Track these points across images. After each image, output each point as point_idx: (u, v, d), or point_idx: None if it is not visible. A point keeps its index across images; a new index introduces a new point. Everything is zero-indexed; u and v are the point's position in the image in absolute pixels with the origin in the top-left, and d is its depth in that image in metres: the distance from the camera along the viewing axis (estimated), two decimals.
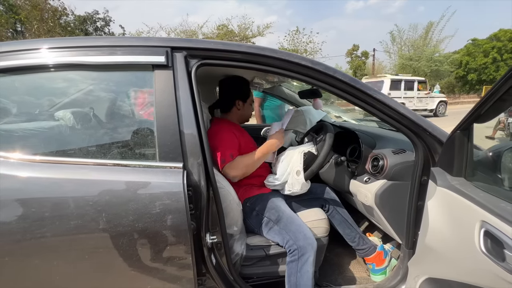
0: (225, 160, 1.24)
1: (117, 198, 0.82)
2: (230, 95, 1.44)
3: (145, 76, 0.97)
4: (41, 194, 0.81)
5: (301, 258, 1.15)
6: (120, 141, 0.99)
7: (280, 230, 1.22)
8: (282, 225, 1.22)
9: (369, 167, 1.32)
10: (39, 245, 0.79)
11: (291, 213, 1.28)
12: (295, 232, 1.19)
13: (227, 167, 1.24)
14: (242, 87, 1.46)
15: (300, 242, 1.16)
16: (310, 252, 1.15)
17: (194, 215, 0.89)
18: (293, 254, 1.17)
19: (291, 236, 1.18)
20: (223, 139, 1.29)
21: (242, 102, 1.45)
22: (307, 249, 1.15)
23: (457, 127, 0.87)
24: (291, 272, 1.16)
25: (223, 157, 1.24)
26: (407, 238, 1.14)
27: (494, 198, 0.76)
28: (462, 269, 0.85)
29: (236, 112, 1.45)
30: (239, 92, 1.45)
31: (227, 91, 1.45)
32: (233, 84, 1.45)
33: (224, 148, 1.26)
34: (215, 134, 1.31)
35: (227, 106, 1.45)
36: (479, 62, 22.40)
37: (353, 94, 1.04)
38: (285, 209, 1.29)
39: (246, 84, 1.47)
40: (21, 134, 0.98)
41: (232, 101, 1.43)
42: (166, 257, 0.85)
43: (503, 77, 0.69)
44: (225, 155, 1.24)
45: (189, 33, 13.84)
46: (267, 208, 1.28)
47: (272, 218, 1.25)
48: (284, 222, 1.23)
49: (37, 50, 0.91)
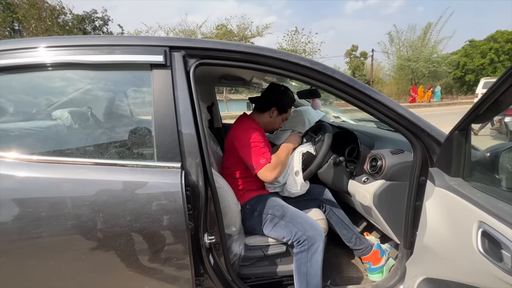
0: (265, 161, 1.22)
1: (115, 198, 0.82)
2: (271, 99, 1.44)
3: (143, 76, 0.97)
4: (38, 194, 0.80)
5: (311, 248, 1.16)
6: (118, 141, 0.98)
7: (286, 224, 1.22)
8: (288, 219, 1.23)
9: (367, 167, 1.32)
10: (36, 245, 0.78)
11: (294, 208, 1.29)
12: (303, 224, 1.21)
13: (268, 168, 1.22)
14: (286, 100, 1.46)
15: (309, 232, 1.18)
16: (320, 241, 1.17)
17: (192, 215, 0.88)
18: (302, 244, 1.17)
19: (299, 227, 1.19)
20: (262, 140, 1.28)
21: (277, 112, 1.45)
22: (317, 238, 1.17)
23: (455, 128, 0.88)
24: (300, 262, 1.17)
25: (264, 156, 1.23)
26: (405, 238, 1.14)
27: (491, 199, 0.76)
28: (459, 269, 0.85)
29: (267, 117, 1.45)
30: (281, 102, 1.44)
31: (271, 94, 1.44)
32: (280, 93, 1.44)
33: (264, 150, 1.25)
34: (249, 132, 1.28)
35: (263, 107, 1.45)
36: (477, 63, 22.52)
37: (351, 94, 1.04)
38: (287, 205, 1.30)
39: (290, 101, 1.48)
40: (18, 134, 0.98)
41: (269, 105, 1.43)
42: (164, 258, 0.85)
43: (500, 77, 0.69)
44: (266, 157, 1.24)
45: (188, 32, 13.81)
46: (270, 206, 1.28)
47: (277, 214, 1.26)
48: (290, 216, 1.24)
49: (34, 48, 0.90)
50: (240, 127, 1.35)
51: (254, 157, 1.24)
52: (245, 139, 1.27)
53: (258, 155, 1.24)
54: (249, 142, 1.26)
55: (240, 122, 1.40)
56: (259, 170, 1.23)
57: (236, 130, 1.35)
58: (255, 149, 1.25)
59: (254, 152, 1.24)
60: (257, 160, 1.23)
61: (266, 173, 1.22)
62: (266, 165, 1.22)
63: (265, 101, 1.44)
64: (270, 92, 1.45)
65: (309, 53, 15.78)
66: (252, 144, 1.26)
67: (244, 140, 1.27)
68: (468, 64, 22.92)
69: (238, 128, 1.35)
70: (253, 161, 1.24)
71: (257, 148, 1.25)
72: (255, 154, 1.24)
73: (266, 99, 1.45)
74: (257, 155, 1.24)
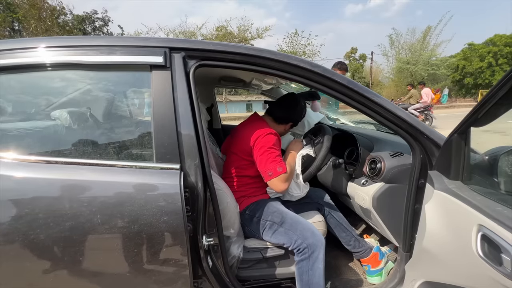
0: (282, 170, 1.19)
1: (113, 199, 0.81)
2: (292, 114, 1.43)
3: (142, 77, 0.96)
4: (36, 195, 0.79)
5: (312, 256, 1.15)
6: (117, 142, 0.98)
7: (286, 231, 1.21)
8: (287, 226, 1.21)
9: (366, 170, 1.32)
10: (33, 246, 0.77)
11: (294, 214, 1.28)
12: (302, 231, 1.19)
13: (282, 178, 1.19)
14: (302, 115, 1.47)
15: (309, 239, 1.16)
16: (320, 249, 1.16)
17: (191, 217, 0.88)
18: (303, 252, 1.16)
19: (299, 235, 1.18)
20: (277, 148, 1.25)
21: (291, 126, 1.49)
22: (317, 245, 1.15)
23: (454, 131, 0.88)
24: (302, 271, 1.16)
25: (281, 165, 1.19)
26: (404, 241, 1.14)
27: (491, 202, 0.76)
28: (459, 273, 0.85)
29: (281, 129, 1.45)
30: (299, 118, 1.47)
31: (288, 110, 1.43)
32: (301, 109, 1.45)
33: (281, 159, 1.22)
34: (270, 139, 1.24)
35: (281, 119, 1.43)
36: (475, 67, 22.65)
37: (351, 96, 1.04)
38: (287, 211, 1.28)
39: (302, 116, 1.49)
40: (17, 134, 0.97)
41: (288, 120, 1.44)
42: (162, 259, 0.84)
43: (500, 81, 0.69)
44: (283, 165, 1.20)
45: (188, 34, 13.84)
46: (269, 212, 1.26)
47: (276, 220, 1.24)
48: (289, 223, 1.22)
49: (34, 48, 0.90)
50: (259, 129, 1.28)
51: (272, 164, 1.19)
52: (266, 143, 1.22)
53: (276, 162, 1.19)
54: (269, 147, 1.22)
55: (255, 124, 1.34)
56: (273, 178, 1.18)
57: (254, 132, 1.27)
58: (273, 155, 1.20)
59: (273, 159, 1.20)
60: (274, 167, 1.18)
61: (279, 183, 1.19)
62: (282, 175, 1.19)
63: (286, 115, 1.42)
64: (293, 107, 1.42)
65: (308, 55, 15.84)
66: (271, 150, 1.22)
67: (265, 144, 1.22)
68: (466, 67, 23.08)
69: (256, 130, 1.28)
70: (269, 167, 1.19)
71: (275, 155, 1.21)
72: (273, 161, 1.19)
73: (287, 112, 1.42)
74: (275, 163, 1.19)
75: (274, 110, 1.44)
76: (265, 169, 1.20)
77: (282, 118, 1.43)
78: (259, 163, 1.23)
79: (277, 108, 1.43)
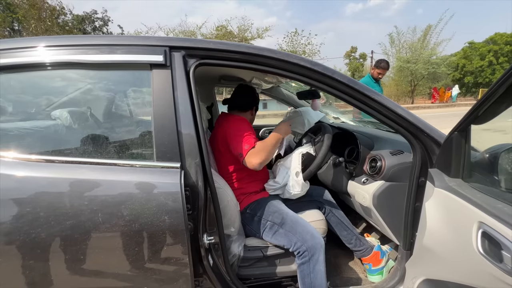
0: (249, 146, 1.21)
1: (114, 198, 0.81)
2: (250, 100, 1.52)
3: (143, 76, 0.97)
4: (37, 194, 0.80)
5: (312, 259, 1.15)
6: (117, 141, 0.98)
7: (286, 233, 1.21)
8: (287, 228, 1.21)
9: (367, 168, 1.32)
10: (34, 245, 0.78)
11: (294, 214, 1.27)
12: (302, 233, 1.18)
13: (252, 153, 1.20)
14: (257, 97, 1.57)
15: (309, 242, 1.16)
16: (320, 251, 1.16)
17: (192, 215, 0.88)
18: (303, 255, 1.16)
19: (298, 237, 1.18)
20: (249, 129, 1.30)
21: (255, 110, 1.58)
22: (317, 248, 1.15)
23: (454, 129, 0.88)
24: (304, 274, 1.16)
25: (248, 142, 1.23)
26: (405, 239, 1.14)
27: (491, 199, 0.76)
28: (459, 270, 0.85)
29: (249, 116, 1.53)
30: (256, 101, 1.56)
31: (248, 96, 1.53)
32: (254, 93, 1.55)
33: (250, 138, 1.25)
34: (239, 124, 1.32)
35: (246, 106, 1.52)
36: (476, 65, 22.63)
37: (351, 95, 1.04)
38: (287, 211, 1.28)
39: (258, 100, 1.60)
40: (18, 133, 0.97)
41: (251, 105, 1.53)
42: (163, 258, 0.85)
43: (500, 79, 0.69)
44: (250, 142, 1.23)
45: (188, 33, 13.83)
46: (269, 212, 1.26)
47: (276, 221, 1.23)
48: (289, 224, 1.21)
49: (34, 48, 0.90)
50: (228, 122, 1.36)
51: (239, 145, 1.23)
52: (233, 130, 1.29)
53: (243, 142, 1.23)
54: (235, 132, 1.27)
55: (228, 120, 1.39)
56: (244, 157, 1.20)
57: (226, 126, 1.35)
58: (240, 137, 1.24)
59: (240, 140, 1.24)
60: (241, 147, 1.22)
61: (250, 159, 1.19)
62: (250, 151, 1.20)
63: (247, 102, 1.52)
64: (246, 94, 1.53)
65: (308, 54, 15.82)
66: (237, 133, 1.26)
67: (232, 131, 1.29)
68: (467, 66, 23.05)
69: (228, 123, 1.35)
70: (238, 149, 1.23)
71: (242, 136, 1.25)
72: (239, 142, 1.23)
73: (247, 99, 1.52)
74: (242, 143, 1.23)
75: (235, 102, 1.52)
76: (236, 153, 1.24)
77: (245, 105, 1.52)
78: (232, 151, 1.28)
79: (238, 99, 1.52)
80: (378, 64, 3.46)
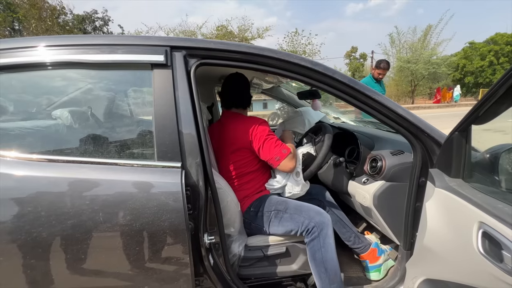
0: (287, 151, 1.25)
1: (115, 198, 0.82)
2: (247, 92, 1.44)
3: (144, 75, 0.97)
4: (38, 193, 0.80)
5: (322, 233, 1.17)
6: (118, 140, 0.98)
7: (291, 216, 1.23)
8: (292, 211, 1.24)
9: (367, 168, 1.32)
10: (35, 244, 0.78)
11: (296, 201, 1.31)
12: (308, 211, 1.22)
13: (289, 158, 1.25)
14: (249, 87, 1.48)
15: (316, 218, 1.19)
16: (328, 225, 1.19)
17: (192, 215, 0.88)
18: (312, 231, 1.18)
19: (305, 216, 1.20)
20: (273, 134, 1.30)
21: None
22: (325, 222, 1.19)
23: (455, 129, 0.88)
24: (314, 250, 1.17)
25: (283, 147, 1.26)
26: (405, 239, 1.14)
27: (491, 199, 0.76)
28: (460, 270, 0.85)
29: (247, 110, 1.48)
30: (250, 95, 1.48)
31: (245, 88, 1.43)
32: (247, 82, 1.45)
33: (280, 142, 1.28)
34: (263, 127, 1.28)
35: (246, 102, 1.44)
36: (476, 65, 22.62)
37: (352, 95, 1.04)
38: (290, 200, 1.32)
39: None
40: (19, 133, 0.97)
41: (249, 99, 1.46)
42: (164, 257, 0.85)
43: (500, 79, 0.69)
44: (285, 147, 1.26)
45: (188, 33, 13.83)
46: (272, 203, 1.29)
47: (280, 208, 1.26)
48: (293, 208, 1.25)
49: (35, 48, 0.90)
50: (248, 123, 1.30)
51: (276, 149, 1.25)
52: (262, 132, 1.27)
53: (279, 146, 1.26)
54: (266, 135, 1.27)
55: (239, 120, 1.34)
56: (282, 160, 1.25)
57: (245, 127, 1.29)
58: (273, 141, 1.27)
59: (274, 144, 1.26)
60: (279, 151, 1.25)
61: (288, 163, 1.25)
62: (289, 155, 1.25)
63: (245, 96, 1.43)
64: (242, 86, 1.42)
65: (309, 54, 15.80)
66: (269, 137, 1.27)
67: (262, 133, 1.27)
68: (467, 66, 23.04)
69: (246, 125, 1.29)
70: (274, 153, 1.25)
71: (274, 140, 1.27)
72: (276, 146, 1.26)
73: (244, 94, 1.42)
74: (278, 147, 1.26)
75: (237, 101, 1.42)
76: (272, 156, 1.26)
77: (246, 101, 1.44)
78: (263, 153, 1.27)
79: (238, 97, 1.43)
80: (378, 64, 3.47)
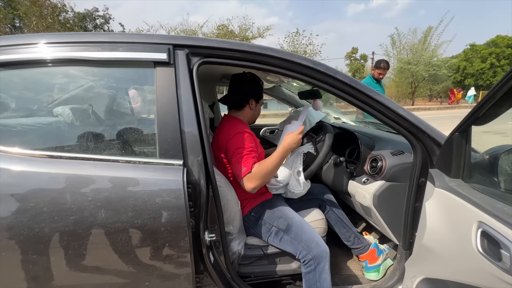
0: (246, 170, 1.11)
1: (116, 194, 0.82)
2: (245, 92, 1.32)
3: (146, 73, 0.97)
4: (40, 189, 0.80)
5: (318, 268, 1.14)
6: (120, 138, 0.98)
7: (291, 240, 1.19)
8: (293, 235, 1.19)
9: (367, 168, 1.33)
10: (37, 240, 0.78)
11: (299, 219, 1.25)
12: (307, 241, 1.16)
13: (247, 179, 1.12)
14: (257, 85, 1.34)
15: (314, 251, 1.14)
16: (325, 260, 1.14)
17: (193, 213, 0.89)
18: (309, 264, 1.15)
19: (304, 246, 1.16)
20: (245, 147, 1.16)
21: (256, 101, 1.34)
22: (322, 256, 1.14)
23: (455, 129, 0.89)
24: (310, 283, 1.15)
25: (245, 165, 1.12)
26: (404, 239, 1.15)
27: (490, 199, 0.77)
28: (459, 269, 0.86)
29: (248, 111, 1.34)
30: (254, 90, 1.33)
31: (242, 87, 1.32)
32: (249, 81, 1.32)
33: (248, 157, 1.14)
34: (237, 139, 1.18)
35: (239, 104, 1.32)
36: (477, 68, 22.62)
37: (353, 95, 1.04)
38: (293, 216, 1.25)
39: (261, 82, 1.36)
40: (20, 129, 0.98)
41: (246, 99, 1.31)
42: (165, 255, 0.85)
43: (501, 80, 0.70)
44: (248, 164, 1.12)
45: (189, 32, 13.82)
46: (275, 217, 1.24)
47: (282, 227, 1.21)
48: (295, 231, 1.19)
49: (37, 44, 0.91)
50: (226, 134, 1.23)
51: (238, 165, 1.13)
52: (232, 145, 1.18)
53: (242, 163, 1.13)
54: (235, 149, 1.16)
55: (224, 128, 1.27)
56: (240, 179, 1.13)
57: (224, 137, 1.23)
58: (239, 157, 1.14)
59: (238, 160, 1.14)
60: (240, 169, 1.13)
61: (246, 183, 1.12)
62: (246, 175, 1.11)
63: (240, 97, 1.31)
64: (239, 86, 1.32)
65: (310, 54, 15.82)
66: (237, 151, 1.15)
67: (232, 146, 1.18)
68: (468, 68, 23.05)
69: (224, 135, 1.23)
70: (236, 170, 1.14)
71: (241, 155, 1.14)
72: (238, 163, 1.13)
73: (239, 94, 1.32)
74: (240, 164, 1.13)
75: (230, 101, 1.35)
76: (235, 173, 1.16)
77: (240, 101, 1.32)
78: (231, 167, 1.19)
79: (231, 97, 1.34)
80: (377, 64, 3.48)
